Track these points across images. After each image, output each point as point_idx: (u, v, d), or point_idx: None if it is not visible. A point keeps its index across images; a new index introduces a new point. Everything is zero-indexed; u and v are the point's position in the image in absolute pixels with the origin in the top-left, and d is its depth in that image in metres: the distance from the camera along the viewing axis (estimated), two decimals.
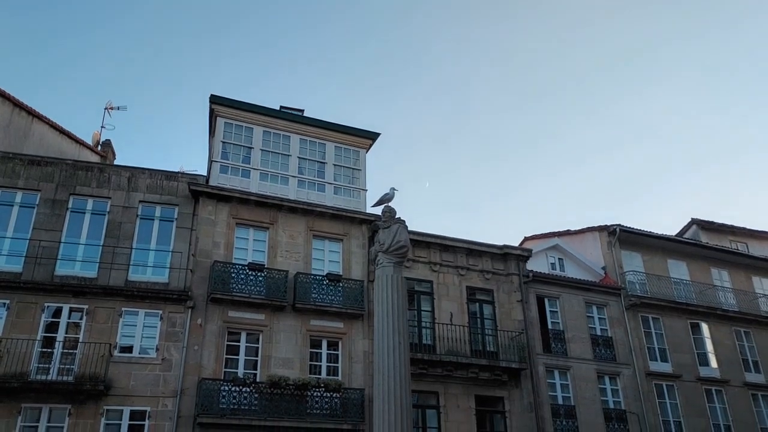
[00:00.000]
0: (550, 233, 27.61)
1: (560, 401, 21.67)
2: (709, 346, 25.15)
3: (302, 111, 22.86)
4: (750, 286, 27.80)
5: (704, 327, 25.44)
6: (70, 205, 18.30)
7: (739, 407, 24.34)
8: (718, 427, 23.68)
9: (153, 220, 18.95)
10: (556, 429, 20.98)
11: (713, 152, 70.57)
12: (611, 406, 22.35)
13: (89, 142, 24.38)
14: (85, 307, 17.08)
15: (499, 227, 72.53)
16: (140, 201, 18.94)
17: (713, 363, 24.84)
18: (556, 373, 22.09)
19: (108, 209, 18.55)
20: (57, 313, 16.94)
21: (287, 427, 17.33)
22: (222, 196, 19.47)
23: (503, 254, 22.76)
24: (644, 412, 22.42)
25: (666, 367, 23.95)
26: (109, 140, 25.37)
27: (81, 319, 17.02)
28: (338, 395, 18.25)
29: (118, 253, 17.91)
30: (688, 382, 23.90)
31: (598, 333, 23.54)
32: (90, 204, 18.54)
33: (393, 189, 13.21)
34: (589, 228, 26.85)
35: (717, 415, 23.92)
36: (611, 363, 23.04)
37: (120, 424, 16.31)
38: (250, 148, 20.69)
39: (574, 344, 22.72)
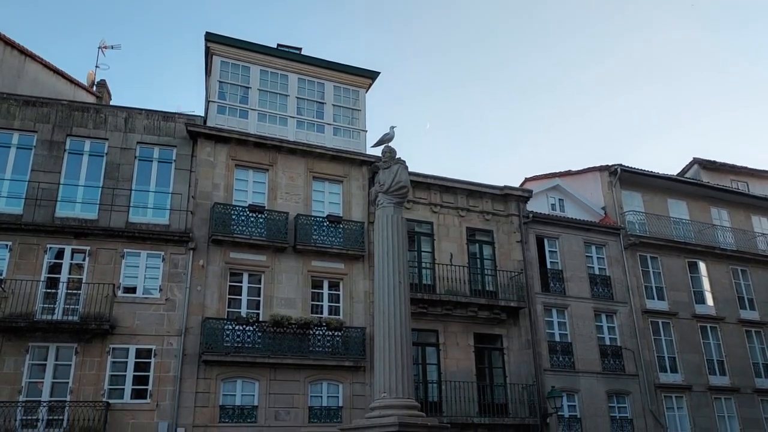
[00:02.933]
0: (550, 174, 27.52)
1: (557, 338, 22.13)
2: (706, 285, 25.51)
3: (300, 49, 22.37)
4: (749, 225, 27.95)
5: (702, 266, 25.73)
6: (67, 147, 18.15)
7: (732, 343, 24.90)
8: (711, 362, 24.30)
9: (151, 161, 18.84)
10: (553, 365, 21.51)
11: (717, 91, 69.56)
12: (607, 342, 22.86)
13: (84, 82, 23.98)
14: (87, 248, 17.20)
15: (500, 169, 72.35)
16: (138, 142, 18.78)
17: (709, 301, 25.26)
18: (554, 311, 22.46)
19: (106, 151, 18.41)
20: (59, 254, 17.07)
21: (290, 364, 17.75)
22: (220, 137, 19.28)
23: (504, 195, 22.74)
24: (639, 348, 22.93)
25: (662, 305, 24.35)
26: (104, 80, 24.97)
27: (84, 260, 17.17)
28: (340, 333, 18.60)
29: (118, 194, 17.89)
30: (683, 320, 24.35)
31: (597, 272, 23.81)
32: (87, 145, 18.38)
33: (393, 128, 13.02)
34: (590, 168, 26.74)
35: (711, 350, 24.51)
36: (608, 301, 23.40)
37: (126, 362, 16.70)
38: (248, 88, 20.33)
39: (573, 283, 23.01)
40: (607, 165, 25.78)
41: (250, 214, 18.77)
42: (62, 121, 18.28)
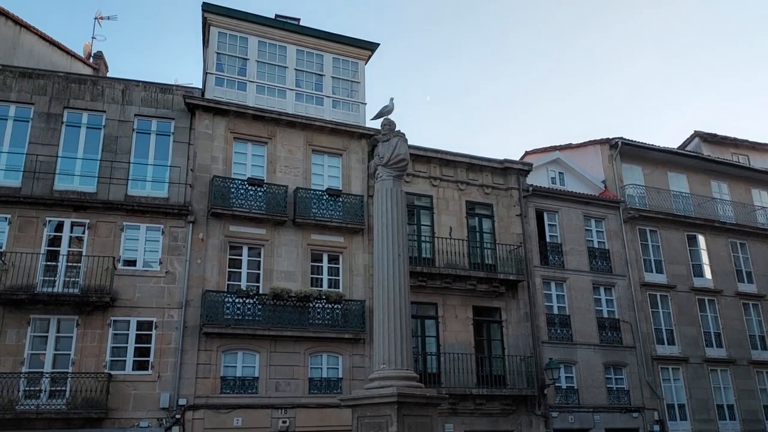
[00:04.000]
0: (551, 147, 27.39)
1: (556, 311, 22.28)
2: (705, 258, 25.59)
3: (298, 20, 22.10)
4: (749, 199, 27.94)
5: (701, 239, 25.78)
6: (65, 119, 18.02)
7: (730, 316, 25.08)
8: (708, 334, 24.52)
9: (149, 134, 18.72)
10: (551, 337, 21.69)
11: (719, 63, 68.88)
12: (605, 315, 23.02)
13: (80, 53, 23.70)
14: (87, 221, 17.20)
15: (500, 142, 72.02)
16: (135, 115, 18.64)
17: (707, 274, 25.38)
18: (553, 284, 22.56)
19: (103, 123, 18.29)
20: (59, 227, 17.07)
21: (290, 336, 17.89)
22: (219, 110, 19.14)
23: (503, 168, 22.67)
24: (637, 320, 23.10)
25: (661, 278, 24.45)
26: (100, 52, 24.68)
27: (83, 233, 17.18)
28: (339, 306, 18.71)
29: (116, 167, 17.82)
30: (681, 292, 24.49)
31: (596, 245, 23.87)
32: (85, 118, 18.25)
33: (392, 100, 12.86)
34: (590, 141, 26.62)
35: (708, 323, 24.71)
36: (607, 274, 23.50)
37: (128, 334, 16.82)
38: (246, 59, 20.11)
39: (571, 257, 23.08)
40: (608, 138, 25.66)
41: (250, 188, 18.73)
42: (59, 93, 18.11)
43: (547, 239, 23.16)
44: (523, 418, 20.14)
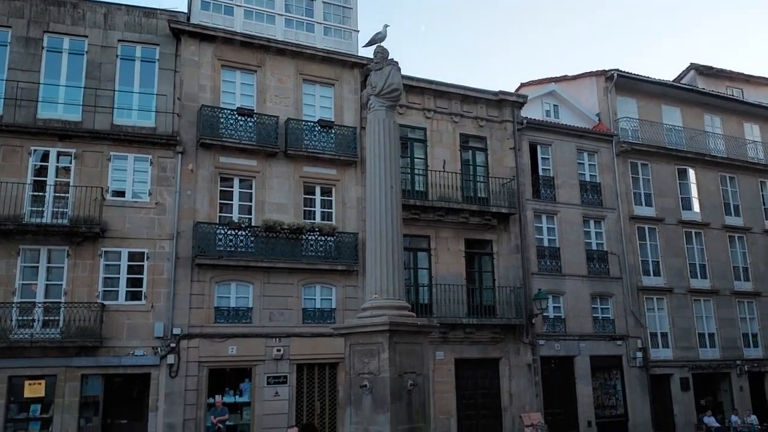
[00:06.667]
0: (546, 79, 26.92)
1: (546, 243, 22.50)
2: (694, 191, 25.78)
3: None
4: (740, 132, 27.88)
5: (691, 172, 25.87)
6: (45, 44, 17.31)
7: (715, 248, 25.49)
8: (693, 266, 24.99)
9: (134, 60, 18.10)
10: (541, 268, 21.99)
11: None
12: (594, 247, 23.30)
13: None
14: (73, 151, 16.83)
15: (496, 74, 70.76)
16: (119, 40, 17.95)
17: (696, 207, 25.62)
18: (544, 217, 22.68)
19: (86, 49, 17.62)
20: (45, 157, 16.71)
21: (283, 268, 17.97)
22: (205, 36, 18.46)
23: (498, 100, 22.29)
24: (625, 253, 23.42)
25: (650, 211, 24.65)
26: None
27: (70, 163, 16.84)
28: (332, 239, 18.73)
29: (101, 95, 17.28)
30: (669, 225, 24.76)
31: (587, 179, 23.88)
32: (66, 43, 17.55)
33: (386, 27, 12.36)
34: (586, 73, 26.18)
35: (694, 255, 25.13)
36: (597, 207, 23.63)
37: (119, 265, 16.81)
38: None
39: (563, 190, 23.10)
40: (604, 70, 25.24)
41: (239, 118, 18.33)
42: (37, 17, 17.32)
43: (540, 173, 23.10)
44: (510, 346, 20.67)
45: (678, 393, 23.31)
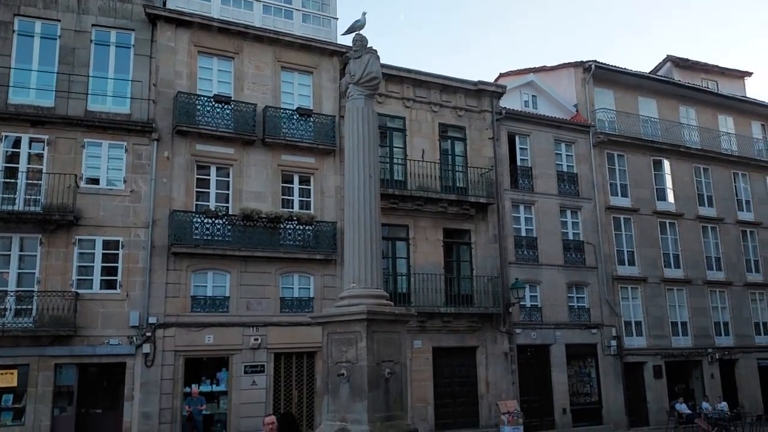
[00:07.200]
0: (525, 69, 27.03)
1: (523, 233, 22.69)
2: (669, 182, 26.15)
3: None
4: (715, 124, 28.31)
5: (666, 163, 26.23)
6: (15, 27, 16.90)
7: (689, 238, 25.93)
8: (667, 255, 25.41)
9: (108, 46, 17.76)
10: (518, 257, 22.18)
11: None
12: (570, 237, 23.55)
13: None
14: (46, 137, 16.51)
15: (474, 65, 70.82)
16: (93, 25, 17.59)
17: (670, 198, 26.00)
18: (522, 207, 22.86)
19: (59, 33, 17.23)
20: (17, 143, 16.37)
21: (261, 257, 17.87)
22: (181, 21, 18.18)
23: (477, 90, 22.34)
24: (600, 242, 23.71)
25: (625, 202, 24.98)
26: None
27: (43, 149, 16.52)
28: (311, 228, 18.67)
29: (75, 81, 16.95)
30: (644, 215, 25.11)
31: (565, 169, 24.08)
32: (38, 27, 17.14)
33: (364, 14, 12.29)
34: (564, 64, 26.32)
35: (668, 245, 25.54)
36: (574, 198, 23.87)
37: (94, 253, 16.57)
38: None
39: (541, 180, 23.29)
40: (582, 61, 25.41)
41: (216, 105, 18.13)
42: None
43: (518, 163, 23.24)
44: (488, 335, 20.86)
45: (651, 380, 23.75)
